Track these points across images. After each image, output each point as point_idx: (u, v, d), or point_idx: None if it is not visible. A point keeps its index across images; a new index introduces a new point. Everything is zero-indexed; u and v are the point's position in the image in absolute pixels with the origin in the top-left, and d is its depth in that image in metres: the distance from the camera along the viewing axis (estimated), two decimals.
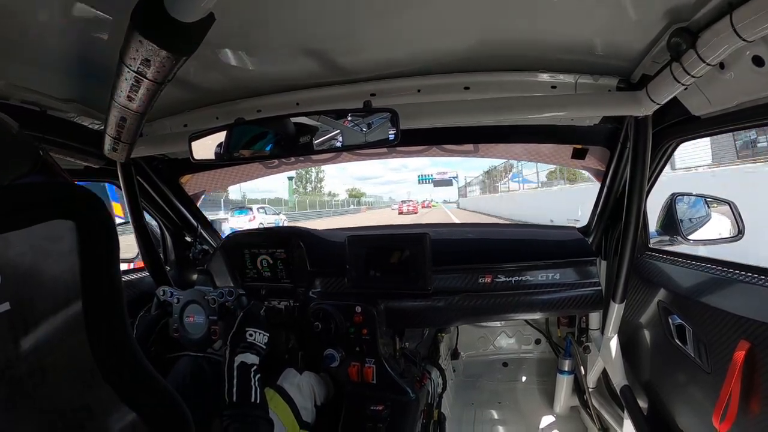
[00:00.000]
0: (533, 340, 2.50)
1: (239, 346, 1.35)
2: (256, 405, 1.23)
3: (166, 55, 0.82)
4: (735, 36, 0.82)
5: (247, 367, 1.30)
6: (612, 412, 1.86)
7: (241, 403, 1.22)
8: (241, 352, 1.33)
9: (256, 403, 1.23)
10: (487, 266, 1.77)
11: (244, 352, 1.33)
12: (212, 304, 1.63)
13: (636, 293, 1.58)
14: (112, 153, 1.45)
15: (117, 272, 0.80)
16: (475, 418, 2.34)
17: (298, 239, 1.91)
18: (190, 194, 2.25)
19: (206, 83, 1.41)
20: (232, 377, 1.26)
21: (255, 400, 1.23)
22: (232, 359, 1.31)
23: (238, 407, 1.21)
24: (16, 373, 0.66)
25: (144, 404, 0.79)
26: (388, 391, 1.67)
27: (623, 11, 0.99)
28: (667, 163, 1.57)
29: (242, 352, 1.33)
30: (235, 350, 1.34)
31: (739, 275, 1.17)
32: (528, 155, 2.07)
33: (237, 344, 1.36)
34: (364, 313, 1.69)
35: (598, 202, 1.81)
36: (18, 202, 0.70)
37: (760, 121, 1.09)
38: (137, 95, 1.01)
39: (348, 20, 1.07)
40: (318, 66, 1.33)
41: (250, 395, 1.24)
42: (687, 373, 1.27)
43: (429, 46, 1.23)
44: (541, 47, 1.22)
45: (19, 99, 1.27)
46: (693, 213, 1.69)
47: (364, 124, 1.25)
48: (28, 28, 0.93)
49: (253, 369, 1.31)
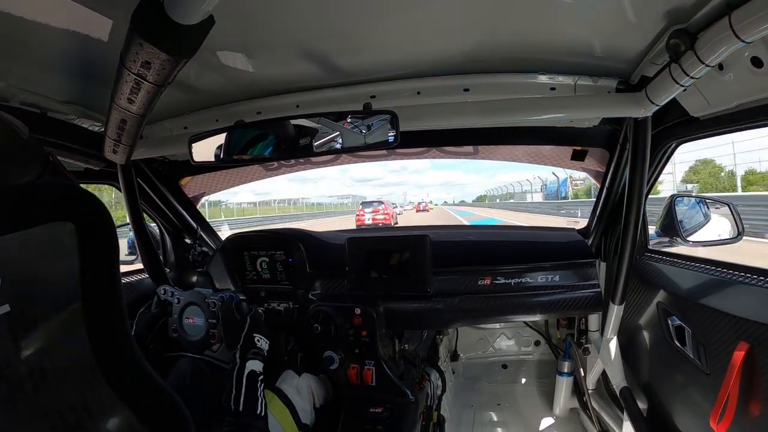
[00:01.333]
0: (533, 342, 2.49)
1: (250, 352, 1.36)
2: (259, 417, 1.24)
3: (166, 57, 0.82)
4: (734, 37, 0.82)
5: (255, 376, 1.31)
6: (611, 414, 1.86)
7: (246, 414, 1.22)
8: (252, 358, 1.35)
9: (261, 415, 1.24)
10: (486, 268, 1.76)
11: (254, 358, 1.35)
12: (212, 307, 1.63)
13: (635, 295, 1.58)
14: (112, 155, 1.46)
15: (117, 274, 0.80)
16: (475, 420, 2.33)
17: (297, 241, 1.91)
18: (189, 196, 2.25)
19: (206, 85, 1.41)
20: (240, 385, 1.27)
21: (260, 413, 1.24)
22: (242, 365, 1.32)
23: (241, 417, 1.21)
24: (16, 373, 0.66)
25: (143, 405, 0.79)
26: (388, 393, 1.66)
27: (622, 13, 0.99)
28: (666, 164, 1.57)
29: (252, 358, 1.35)
30: (246, 356, 1.35)
31: (738, 276, 1.16)
32: (528, 157, 2.08)
33: (248, 349, 1.37)
34: (364, 315, 1.69)
35: (598, 203, 1.81)
36: (18, 204, 0.70)
37: (758, 122, 1.10)
38: (137, 97, 1.01)
39: (348, 23, 1.07)
40: (318, 68, 1.33)
41: (256, 407, 1.24)
42: (686, 374, 1.27)
43: (428, 48, 1.23)
44: (541, 49, 1.22)
45: (20, 101, 1.27)
46: (692, 214, 1.69)
47: (363, 126, 1.25)
48: (28, 30, 0.93)
49: (260, 379, 1.31)
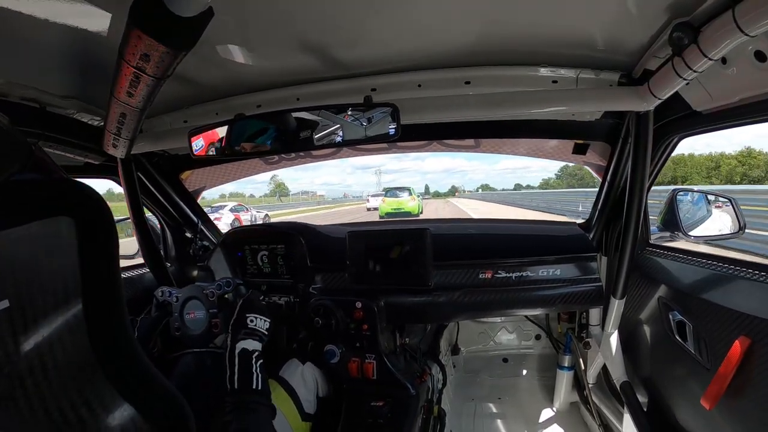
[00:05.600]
0: (533, 336, 2.50)
1: (240, 333, 1.33)
2: (256, 391, 1.21)
3: (165, 50, 0.82)
4: (737, 31, 0.81)
5: (248, 354, 1.28)
6: (612, 408, 1.86)
7: (242, 390, 1.20)
8: (243, 338, 1.32)
9: (257, 389, 1.21)
10: (487, 262, 1.76)
11: (245, 339, 1.32)
12: (211, 297, 1.63)
13: (637, 289, 1.58)
14: (112, 149, 1.45)
15: (117, 268, 0.80)
16: (476, 414, 2.34)
17: (298, 235, 1.91)
18: (190, 190, 2.25)
19: (206, 79, 1.41)
20: (233, 364, 1.25)
21: (256, 387, 1.21)
22: (233, 346, 1.29)
23: (238, 394, 1.20)
24: (17, 369, 0.66)
25: (144, 400, 0.80)
26: (389, 387, 1.67)
27: (625, 5, 0.98)
28: (668, 158, 1.56)
29: (243, 338, 1.32)
30: (237, 337, 1.32)
31: (740, 272, 1.16)
32: (529, 150, 2.07)
33: (238, 331, 1.34)
34: (365, 308, 1.69)
35: (599, 197, 1.80)
36: (16, 199, 0.70)
37: (761, 116, 1.09)
38: (137, 91, 1.00)
39: (348, 15, 1.06)
40: (318, 61, 1.32)
41: (251, 382, 1.22)
42: (687, 369, 1.27)
43: (430, 40, 1.22)
44: (543, 41, 1.22)
45: (19, 96, 1.27)
46: (694, 209, 1.68)
47: (364, 118, 1.24)
48: (26, 24, 0.92)
49: (255, 355, 1.29)
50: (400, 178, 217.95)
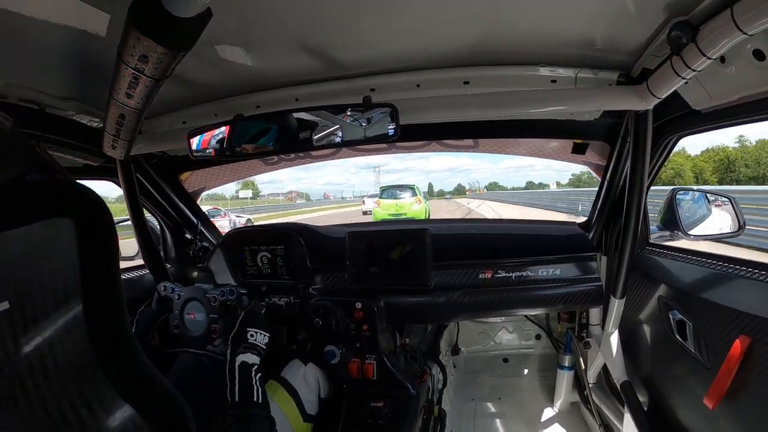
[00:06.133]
0: (534, 336, 2.50)
1: (240, 347, 1.35)
2: (257, 404, 1.24)
3: (164, 50, 0.82)
4: (736, 29, 0.81)
5: (248, 367, 1.30)
6: (612, 408, 1.86)
7: (243, 403, 1.23)
8: (242, 352, 1.34)
9: (258, 402, 1.24)
10: (487, 262, 1.76)
11: (245, 353, 1.34)
12: (213, 302, 1.63)
13: (636, 289, 1.58)
14: (111, 150, 1.45)
15: (117, 269, 0.80)
16: (476, 414, 2.34)
17: (297, 235, 1.91)
18: (189, 191, 2.25)
19: (204, 79, 1.41)
20: (233, 377, 1.27)
21: (257, 400, 1.24)
22: (233, 359, 1.32)
23: (239, 407, 1.22)
24: (17, 370, 0.66)
25: (143, 400, 0.80)
26: (389, 388, 1.67)
27: (623, 4, 0.98)
28: (668, 157, 1.56)
29: (243, 352, 1.34)
30: (236, 350, 1.34)
31: (740, 271, 1.16)
32: (528, 150, 2.07)
33: (238, 344, 1.36)
34: (365, 309, 1.69)
35: (599, 197, 1.80)
36: (17, 200, 0.70)
37: (760, 115, 1.09)
38: (135, 92, 1.00)
39: (347, 15, 1.06)
40: (317, 61, 1.32)
41: (252, 395, 1.24)
42: (687, 368, 1.27)
43: (428, 40, 1.22)
44: (541, 41, 1.22)
45: (18, 97, 1.27)
46: (693, 208, 1.68)
47: (363, 119, 1.24)
48: (25, 26, 0.92)
49: (254, 368, 1.31)
50: (404, 178, 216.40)
